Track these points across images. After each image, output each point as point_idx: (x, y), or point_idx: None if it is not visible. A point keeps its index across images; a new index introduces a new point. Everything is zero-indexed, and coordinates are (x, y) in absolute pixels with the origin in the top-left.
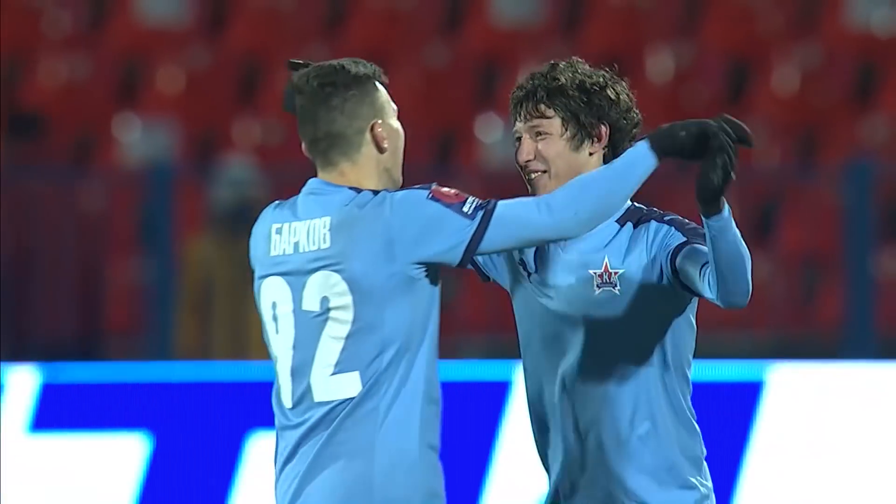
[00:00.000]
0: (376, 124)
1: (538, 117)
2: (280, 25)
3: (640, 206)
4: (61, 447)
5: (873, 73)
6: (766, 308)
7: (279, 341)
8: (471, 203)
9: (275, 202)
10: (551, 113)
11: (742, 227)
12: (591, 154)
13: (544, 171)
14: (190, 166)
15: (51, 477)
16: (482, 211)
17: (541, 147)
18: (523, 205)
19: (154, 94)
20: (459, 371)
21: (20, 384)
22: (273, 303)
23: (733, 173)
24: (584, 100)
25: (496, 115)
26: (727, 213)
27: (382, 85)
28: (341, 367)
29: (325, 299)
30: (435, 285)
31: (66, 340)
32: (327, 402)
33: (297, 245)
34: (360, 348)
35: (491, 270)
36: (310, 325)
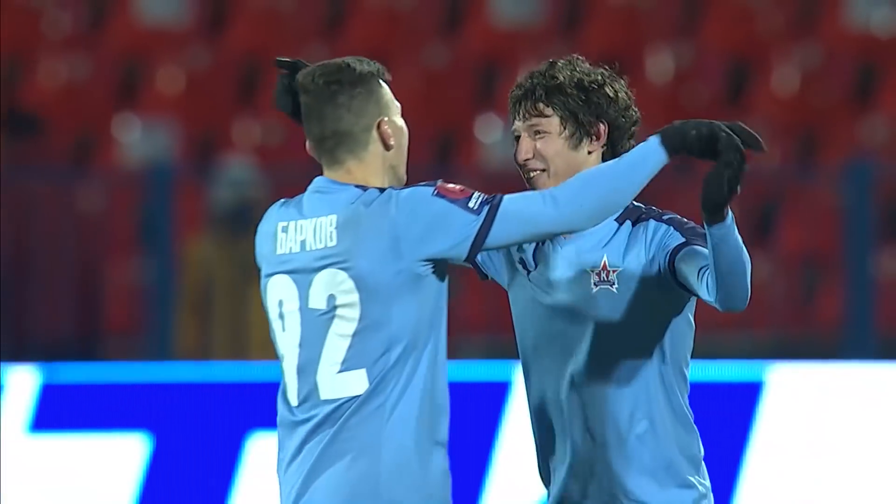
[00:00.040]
0: (383, 122)
1: (537, 116)
2: (280, 25)
3: (639, 204)
4: (61, 447)
5: (873, 73)
6: (766, 308)
7: (285, 339)
8: (476, 198)
9: (280, 200)
10: (550, 111)
11: (742, 227)
12: (589, 152)
13: (543, 169)
14: (190, 166)
15: (51, 477)
16: (488, 206)
17: (539, 146)
18: (529, 198)
19: (154, 95)
20: (459, 371)
21: (20, 384)
22: (279, 301)
23: (739, 187)
24: (583, 98)
25: (496, 116)
26: (730, 221)
27: (386, 83)
28: (348, 364)
29: (331, 297)
30: (442, 283)
31: (65, 341)
32: (333, 400)
33: (303, 243)
34: (367, 346)
35: (489, 269)
36: (316, 323)
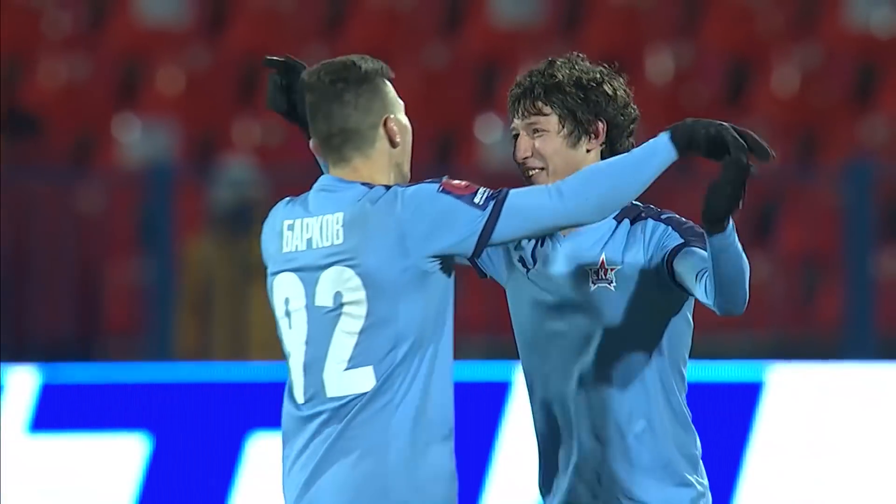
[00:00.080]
0: (389, 119)
1: (535, 114)
2: (280, 25)
3: (637, 203)
4: (61, 447)
5: (873, 74)
6: (766, 308)
7: (292, 337)
8: (482, 194)
9: (286, 199)
10: (548, 110)
11: (742, 227)
12: (588, 150)
13: (542, 168)
14: (190, 167)
15: (51, 477)
16: (493, 201)
17: (538, 144)
18: (535, 192)
19: (154, 95)
20: (459, 371)
21: (20, 384)
22: (286, 299)
23: (742, 201)
24: (581, 96)
25: (496, 116)
26: (730, 230)
27: (389, 81)
28: (355, 362)
29: (338, 294)
30: (449, 280)
31: (65, 341)
32: (340, 398)
33: (309, 241)
34: (374, 343)
35: (488, 267)
36: (323, 321)
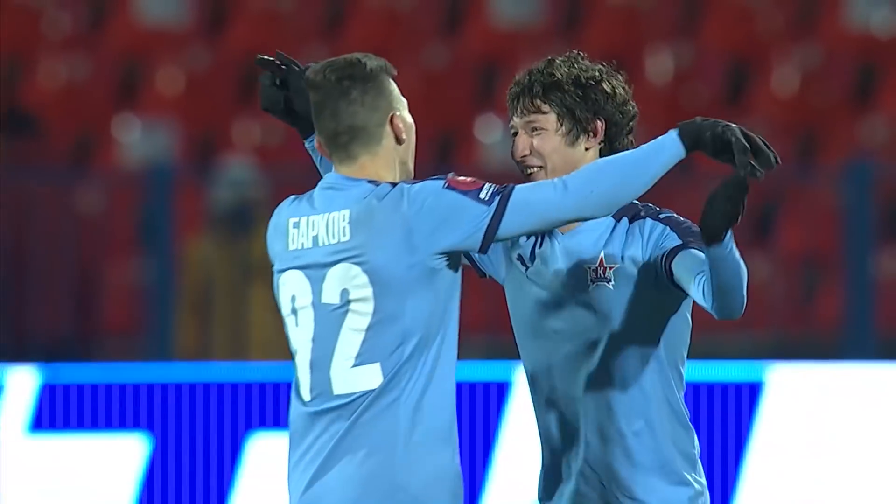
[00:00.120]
0: (395, 115)
1: (534, 112)
2: (280, 25)
3: (636, 201)
4: (61, 448)
5: (873, 74)
6: (766, 308)
7: (298, 334)
8: (487, 189)
9: (291, 196)
10: (547, 108)
11: (742, 227)
12: (587, 149)
13: (540, 166)
14: (190, 167)
15: (51, 477)
16: (499, 196)
17: (536, 143)
18: (540, 187)
19: (154, 95)
20: (459, 371)
21: (20, 385)
22: (292, 296)
23: (740, 216)
24: (580, 94)
25: (496, 116)
26: (727, 240)
27: (392, 78)
28: (362, 358)
29: (345, 291)
30: (455, 276)
31: (65, 341)
32: (347, 395)
33: (315, 238)
34: (381, 340)
35: (487, 266)
36: (329, 318)
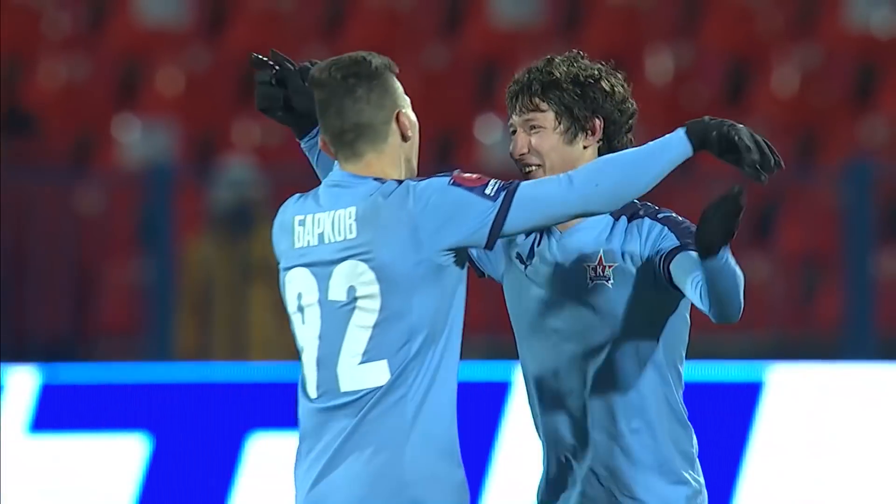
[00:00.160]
0: (400, 113)
1: (532, 110)
2: (280, 25)
3: (635, 200)
4: (61, 448)
5: (873, 74)
6: (766, 308)
7: (305, 332)
8: (493, 185)
9: (295, 195)
10: (545, 106)
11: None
12: (585, 147)
13: (539, 165)
14: (189, 167)
15: (51, 477)
16: (504, 191)
17: (534, 141)
18: (546, 182)
19: (154, 95)
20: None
21: (20, 385)
22: (298, 294)
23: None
24: (578, 93)
25: (496, 116)
26: (722, 251)
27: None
28: (369, 355)
29: (351, 288)
30: (461, 273)
31: (65, 341)
32: (354, 392)
33: (321, 236)
34: (388, 337)
35: (486, 265)
36: (336, 315)
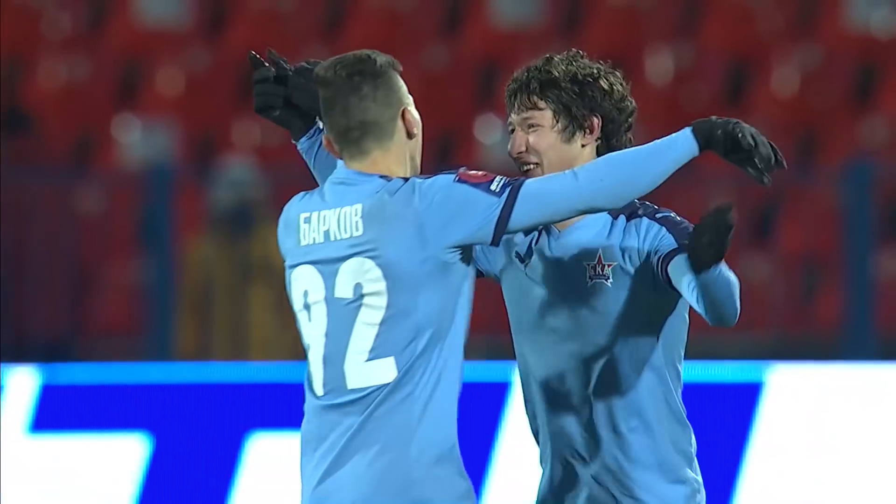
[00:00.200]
0: (406, 110)
1: (530, 109)
2: (280, 26)
3: (634, 199)
4: (61, 448)
5: (873, 74)
6: (766, 308)
7: (311, 329)
8: (498, 181)
9: (300, 193)
10: (543, 105)
11: (742, 228)
12: (583, 146)
13: (536, 163)
14: (190, 167)
15: (51, 478)
16: (509, 188)
17: (532, 140)
18: (552, 178)
19: (154, 95)
20: None
21: (20, 385)
22: (304, 291)
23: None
24: (576, 91)
25: (496, 117)
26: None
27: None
28: (376, 353)
29: (358, 286)
30: (467, 270)
31: (65, 341)
32: (361, 389)
33: (327, 233)
34: (395, 334)
35: (484, 264)
36: (343, 313)
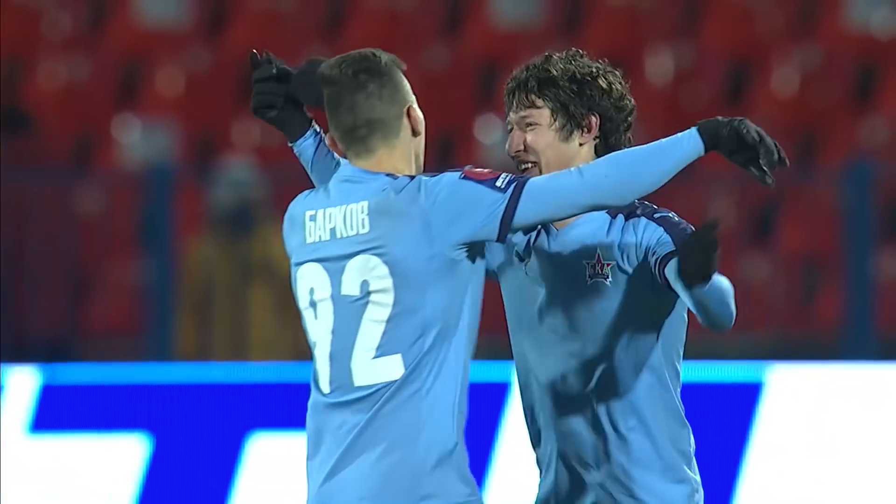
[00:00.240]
0: (411, 108)
1: (528, 107)
2: (280, 26)
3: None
4: (61, 448)
5: (873, 74)
6: (766, 308)
7: (317, 327)
8: (504, 178)
9: (305, 191)
10: (541, 103)
11: (742, 228)
12: (581, 144)
13: (534, 162)
14: (190, 167)
15: (51, 478)
16: (514, 184)
17: (530, 139)
18: (557, 175)
19: (154, 96)
20: None
21: (20, 385)
22: (311, 289)
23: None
24: (575, 90)
25: (496, 117)
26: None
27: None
28: (383, 350)
29: (364, 283)
30: (475, 267)
31: (65, 341)
32: (368, 387)
33: (333, 231)
34: (401, 331)
35: None
36: (349, 310)
